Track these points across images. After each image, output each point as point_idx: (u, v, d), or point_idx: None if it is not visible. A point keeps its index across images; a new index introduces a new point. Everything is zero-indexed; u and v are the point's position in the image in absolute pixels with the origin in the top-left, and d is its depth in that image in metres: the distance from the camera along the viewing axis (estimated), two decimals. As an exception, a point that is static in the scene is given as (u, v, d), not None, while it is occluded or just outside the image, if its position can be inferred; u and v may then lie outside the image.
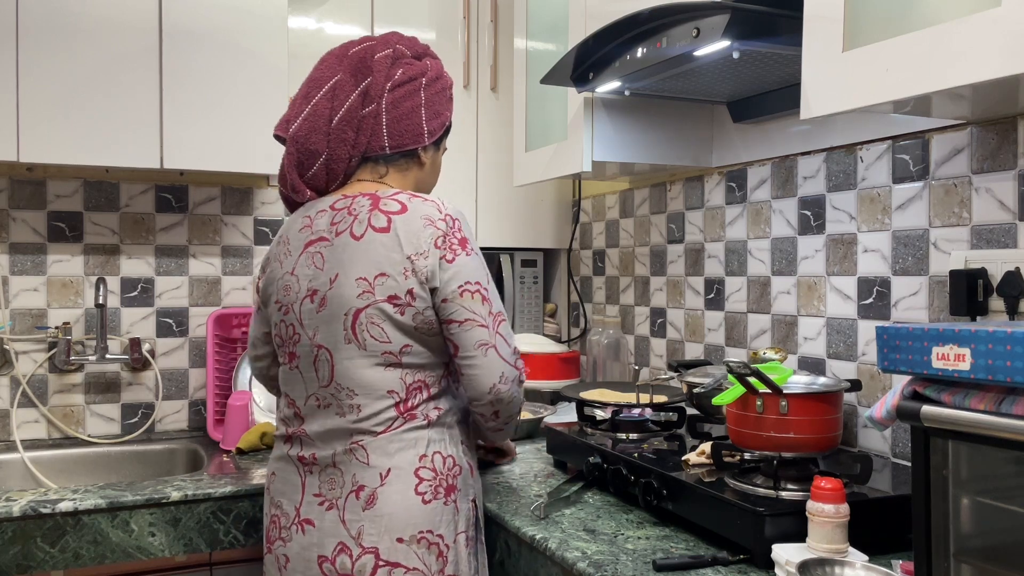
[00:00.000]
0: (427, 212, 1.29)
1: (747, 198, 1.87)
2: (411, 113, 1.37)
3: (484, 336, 1.27)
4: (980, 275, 1.29)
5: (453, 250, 1.28)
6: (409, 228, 1.28)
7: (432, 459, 1.29)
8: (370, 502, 1.26)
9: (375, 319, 1.27)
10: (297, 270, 1.35)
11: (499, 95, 2.47)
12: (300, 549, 1.30)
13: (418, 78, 1.39)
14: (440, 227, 1.28)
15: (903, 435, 1.48)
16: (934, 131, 1.43)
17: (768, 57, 1.46)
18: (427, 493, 1.27)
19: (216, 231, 2.28)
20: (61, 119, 1.86)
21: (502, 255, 2.55)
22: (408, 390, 1.29)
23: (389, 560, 1.24)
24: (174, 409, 2.24)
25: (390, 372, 1.28)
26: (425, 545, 1.26)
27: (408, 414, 1.29)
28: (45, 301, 2.12)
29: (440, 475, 1.29)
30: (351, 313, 1.27)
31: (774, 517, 1.13)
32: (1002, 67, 0.95)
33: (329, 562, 1.26)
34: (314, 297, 1.31)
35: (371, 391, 1.28)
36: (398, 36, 1.43)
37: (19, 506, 1.50)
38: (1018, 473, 0.87)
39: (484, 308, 1.28)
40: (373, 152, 1.37)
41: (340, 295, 1.28)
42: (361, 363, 1.28)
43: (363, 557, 1.25)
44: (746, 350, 1.87)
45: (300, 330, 1.33)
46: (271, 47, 2.03)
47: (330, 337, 1.29)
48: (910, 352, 0.90)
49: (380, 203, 1.31)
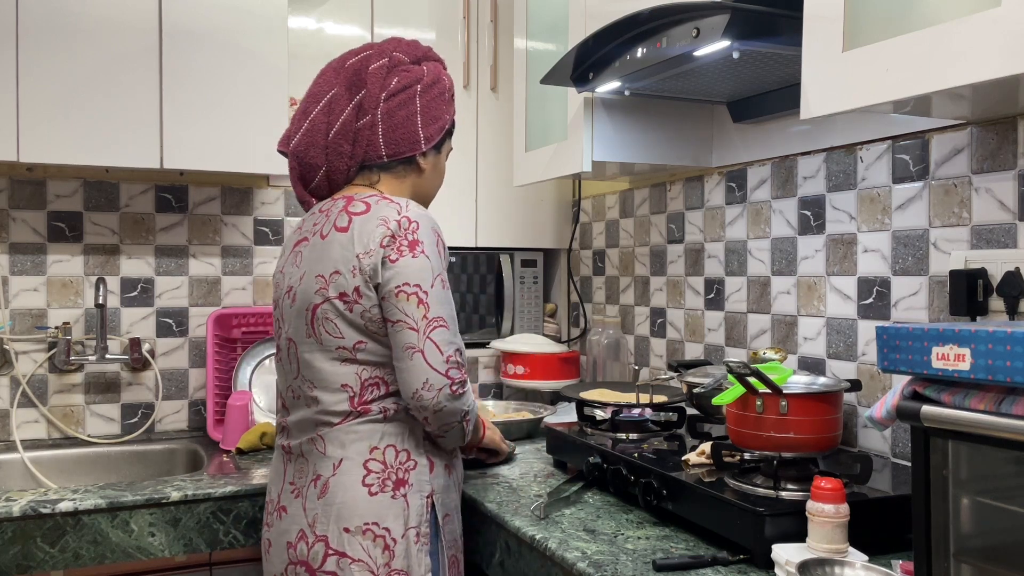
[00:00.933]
0: (385, 213, 1.31)
1: (747, 198, 1.87)
2: (406, 122, 1.39)
3: (412, 340, 1.26)
4: (980, 275, 1.29)
5: (399, 250, 1.28)
6: (364, 228, 1.30)
7: (384, 452, 1.31)
8: (323, 491, 1.30)
9: (329, 315, 1.31)
10: (285, 268, 1.42)
11: (499, 95, 2.47)
12: (278, 535, 1.36)
13: (413, 86, 1.40)
14: (391, 227, 1.29)
15: (903, 435, 1.48)
16: (934, 131, 1.43)
17: (768, 57, 1.46)
18: (374, 485, 1.30)
19: (216, 231, 2.28)
20: (61, 119, 1.85)
21: (502, 255, 2.55)
22: (363, 385, 1.31)
23: (337, 549, 1.28)
24: (174, 409, 2.24)
25: (345, 367, 1.31)
26: (371, 537, 1.28)
27: (362, 407, 1.31)
28: (45, 301, 2.12)
29: (390, 468, 1.31)
30: (310, 308, 1.33)
31: (774, 517, 1.13)
32: (1002, 67, 0.95)
33: (293, 548, 1.32)
34: (290, 293, 1.38)
35: (326, 384, 1.32)
36: (397, 42, 1.45)
37: (19, 506, 1.50)
38: (1018, 473, 0.87)
39: (418, 311, 1.26)
40: (371, 161, 1.40)
41: (304, 291, 1.34)
42: (319, 357, 1.33)
43: (316, 545, 1.29)
44: (746, 350, 1.87)
45: (282, 324, 1.41)
46: (271, 47, 2.03)
47: (296, 331, 1.36)
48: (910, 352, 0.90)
49: (350, 205, 1.34)
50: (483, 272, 2.54)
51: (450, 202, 2.42)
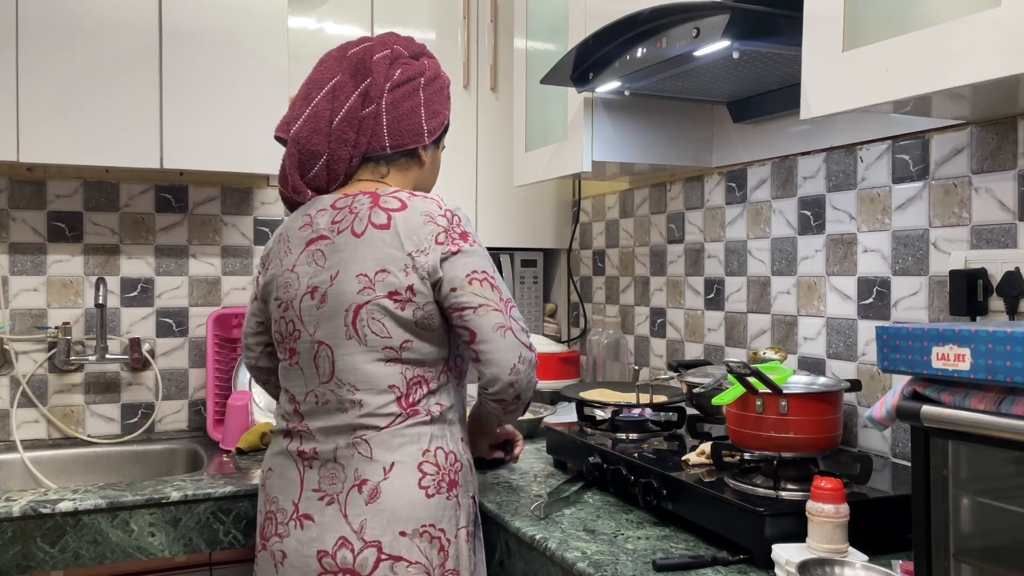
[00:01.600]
0: (427, 209, 1.31)
1: (747, 198, 1.87)
2: (411, 113, 1.39)
3: (500, 319, 1.29)
4: (980, 275, 1.29)
5: (456, 243, 1.30)
6: (409, 225, 1.29)
7: (435, 454, 1.30)
8: (373, 496, 1.27)
9: (376, 315, 1.28)
10: (297, 267, 1.36)
11: (499, 95, 2.47)
12: (298, 545, 1.29)
13: (416, 78, 1.40)
14: (441, 223, 1.30)
15: (903, 435, 1.48)
16: (934, 131, 1.43)
17: (768, 57, 1.46)
18: (430, 487, 1.29)
19: (216, 231, 2.28)
20: (61, 119, 1.85)
21: (502, 255, 2.55)
22: (408, 385, 1.30)
23: (392, 554, 1.25)
24: (174, 409, 2.24)
25: (391, 367, 1.30)
26: (428, 539, 1.27)
27: (411, 409, 1.30)
28: (45, 301, 2.12)
29: (443, 470, 1.31)
30: (352, 309, 1.29)
31: (774, 517, 1.13)
32: (1002, 67, 0.95)
33: (329, 557, 1.26)
34: (314, 294, 1.33)
35: (372, 385, 1.29)
36: (395, 36, 1.45)
37: (19, 506, 1.50)
38: (1018, 473, 0.87)
39: (495, 294, 1.30)
40: (374, 152, 1.39)
41: (341, 291, 1.30)
42: (362, 358, 1.29)
43: (365, 551, 1.25)
44: (746, 350, 1.87)
45: (300, 327, 1.34)
46: (271, 47, 2.03)
47: (331, 333, 1.31)
48: (910, 352, 0.90)
49: (380, 200, 1.32)
50: (483, 272, 2.53)
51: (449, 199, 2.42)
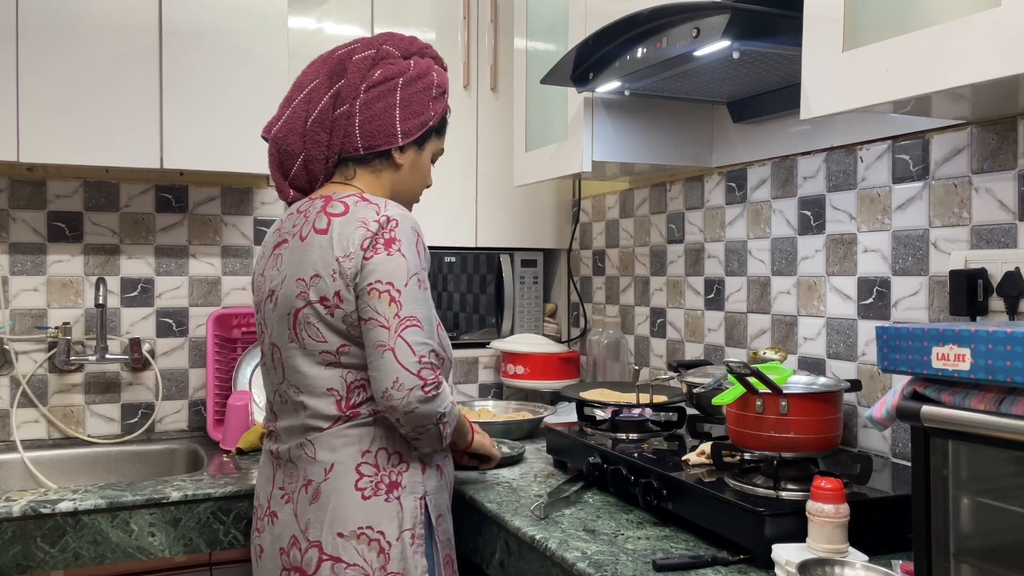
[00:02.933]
0: (364, 215, 1.29)
1: (747, 198, 1.87)
2: (383, 113, 1.37)
3: (382, 337, 1.23)
4: (980, 275, 1.29)
5: (375, 249, 1.26)
6: (343, 230, 1.28)
7: (376, 455, 1.30)
8: (315, 497, 1.29)
9: (311, 319, 1.29)
10: (266, 271, 1.40)
11: (499, 95, 2.47)
12: (271, 540, 1.35)
13: (395, 78, 1.38)
14: (372, 228, 1.27)
15: (903, 435, 1.48)
16: (934, 131, 1.43)
17: (768, 57, 1.46)
18: (367, 489, 1.28)
19: (216, 231, 2.28)
20: (61, 119, 1.85)
21: (502, 255, 2.55)
22: (349, 388, 1.30)
23: (331, 555, 1.27)
24: (174, 409, 2.24)
25: (330, 370, 1.30)
26: (365, 541, 1.27)
27: (351, 412, 1.30)
28: (45, 301, 2.12)
29: (382, 471, 1.30)
30: (292, 313, 1.31)
31: (774, 517, 1.13)
32: (1002, 67, 0.95)
33: (286, 555, 1.31)
34: (272, 297, 1.36)
35: (313, 389, 1.31)
36: (389, 36, 1.43)
37: (19, 506, 1.50)
38: (1018, 473, 0.87)
39: (390, 309, 1.24)
40: (348, 153, 1.38)
41: (286, 295, 1.33)
42: (303, 362, 1.31)
43: (309, 551, 1.28)
44: (746, 350, 1.87)
45: (264, 328, 1.39)
46: (271, 47, 2.03)
47: (280, 336, 1.34)
48: (910, 352, 0.90)
49: (328, 205, 1.33)
50: (483, 272, 2.54)
51: (450, 202, 2.42)
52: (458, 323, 2.52)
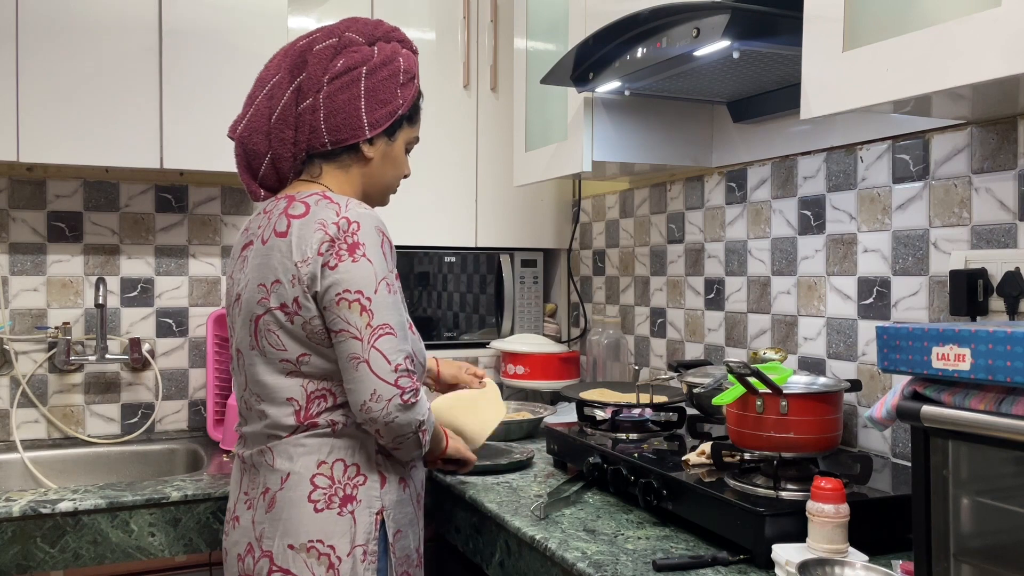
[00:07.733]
0: (324, 216, 1.24)
1: (747, 198, 1.87)
2: (347, 105, 1.31)
3: (356, 350, 1.20)
4: (980, 275, 1.29)
5: (338, 256, 1.21)
6: (302, 233, 1.24)
7: (332, 467, 1.26)
8: (271, 505, 1.26)
9: (271, 326, 1.26)
10: (234, 274, 1.37)
11: (499, 95, 2.47)
12: (231, 545, 1.32)
13: (359, 66, 1.32)
14: (330, 231, 1.22)
15: (903, 435, 1.48)
16: (934, 131, 1.43)
17: (768, 57, 1.46)
18: (320, 501, 1.24)
19: (216, 231, 2.28)
20: (61, 119, 1.85)
21: (502, 255, 2.55)
22: (309, 398, 1.26)
23: (281, 566, 1.24)
24: (174, 409, 2.24)
25: (290, 379, 1.27)
26: (315, 555, 1.23)
27: (309, 422, 1.26)
28: (45, 301, 2.12)
29: (338, 484, 1.26)
30: (253, 319, 1.28)
31: (774, 517, 1.13)
32: (1002, 67, 0.95)
33: (241, 561, 1.29)
34: (238, 301, 1.33)
35: (272, 398, 1.28)
36: (352, 22, 1.37)
37: (19, 506, 1.50)
38: (1018, 473, 0.87)
39: (361, 319, 1.20)
40: (315, 149, 1.34)
41: (248, 300, 1.30)
42: (263, 369, 1.28)
43: (261, 560, 1.25)
44: (746, 350, 1.87)
45: (232, 333, 1.36)
46: (271, 47, 2.01)
47: (243, 342, 1.32)
48: (910, 352, 0.90)
49: (290, 206, 1.28)
50: (483, 272, 2.54)
51: (450, 202, 2.42)
52: (458, 323, 2.52)
